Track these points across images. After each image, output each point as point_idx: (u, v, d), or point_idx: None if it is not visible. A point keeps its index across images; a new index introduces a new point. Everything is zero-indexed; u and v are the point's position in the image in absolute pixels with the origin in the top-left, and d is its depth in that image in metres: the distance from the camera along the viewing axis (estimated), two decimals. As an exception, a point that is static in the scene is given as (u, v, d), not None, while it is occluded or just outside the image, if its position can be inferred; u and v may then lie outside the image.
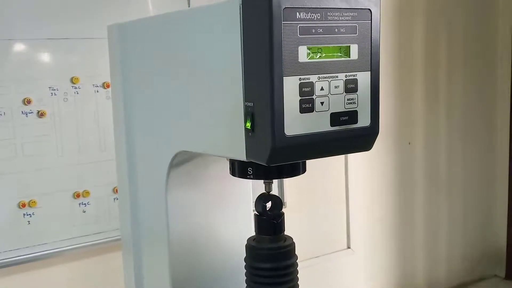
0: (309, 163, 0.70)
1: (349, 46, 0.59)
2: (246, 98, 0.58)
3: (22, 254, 1.17)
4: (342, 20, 0.58)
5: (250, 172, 0.67)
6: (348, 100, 0.60)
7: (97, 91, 1.23)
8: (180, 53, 0.69)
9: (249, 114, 0.58)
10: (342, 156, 1.71)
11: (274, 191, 0.73)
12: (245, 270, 0.73)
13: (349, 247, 1.77)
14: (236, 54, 0.58)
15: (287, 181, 1.52)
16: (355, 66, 0.60)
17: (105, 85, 1.23)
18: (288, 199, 1.54)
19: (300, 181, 1.60)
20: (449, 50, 1.93)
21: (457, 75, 1.96)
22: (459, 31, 1.95)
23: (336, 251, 1.74)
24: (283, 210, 0.73)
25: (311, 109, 0.58)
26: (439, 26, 1.90)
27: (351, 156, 1.71)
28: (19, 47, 1.15)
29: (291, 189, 1.56)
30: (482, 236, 2.13)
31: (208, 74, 0.64)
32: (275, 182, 1.45)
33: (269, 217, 0.71)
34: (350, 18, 0.59)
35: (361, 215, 1.78)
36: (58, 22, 1.18)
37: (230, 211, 0.81)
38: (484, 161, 2.09)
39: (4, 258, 1.16)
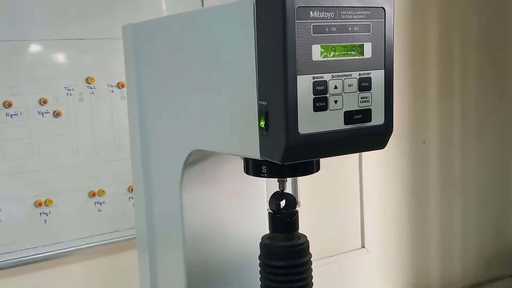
0: (323, 162, 0.70)
1: (363, 45, 0.59)
2: (260, 97, 0.59)
3: (38, 253, 1.19)
4: (355, 18, 0.58)
5: (264, 170, 0.67)
6: (361, 98, 0.60)
7: (112, 91, 1.24)
8: (194, 52, 0.69)
9: (263, 113, 0.58)
10: (356, 155, 1.70)
11: (288, 190, 0.73)
12: (259, 268, 0.73)
13: (363, 247, 1.76)
14: (250, 53, 0.59)
15: (301, 180, 1.52)
16: (368, 65, 0.60)
17: (120, 85, 1.24)
18: (302, 198, 1.54)
19: (314, 180, 1.60)
20: (463, 48, 1.92)
21: (472, 74, 1.94)
22: (473, 29, 1.93)
23: (350, 251, 1.74)
24: (297, 209, 0.73)
25: (324, 108, 0.58)
26: (453, 25, 1.89)
27: (365, 155, 1.70)
28: (34, 47, 1.16)
29: (305, 188, 1.56)
30: (497, 235, 2.11)
31: (222, 73, 0.64)
32: (289, 181, 1.46)
33: (283, 215, 0.71)
34: (363, 16, 0.59)
35: (375, 214, 1.77)
36: (73, 22, 1.19)
37: (245, 210, 0.81)
38: (498, 159, 2.07)
39: (21, 256, 1.17)
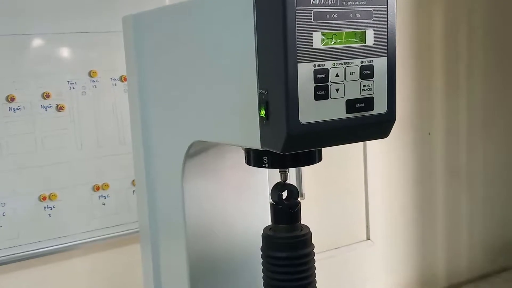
0: (328, 154, 0.69)
1: (365, 32, 0.58)
2: (260, 86, 0.58)
3: (43, 247, 1.19)
4: (357, 5, 0.57)
5: (265, 161, 0.66)
6: (364, 86, 0.59)
7: (115, 85, 1.24)
8: (194, 42, 0.68)
9: (264, 102, 0.57)
10: (360, 147, 1.69)
11: (293, 182, 0.72)
12: (261, 260, 0.73)
13: (368, 239, 1.76)
14: (250, 41, 0.58)
15: (305, 172, 1.51)
16: (370, 52, 0.59)
17: (123, 79, 1.24)
18: (306, 190, 1.54)
19: (319, 172, 1.60)
20: (469, 39, 1.90)
21: (477, 65, 1.93)
22: (479, 21, 1.91)
23: (355, 242, 1.73)
24: (302, 201, 0.72)
25: (326, 96, 0.57)
26: (459, 15, 1.87)
27: (370, 146, 1.69)
28: (37, 42, 1.16)
29: (309, 180, 1.55)
30: (503, 226, 2.10)
31: (222, 63, 0.64)
32: (294, 173, 1.46)
33: (285, 206, 0.70)
34: (365, 2, 0.58)
35: (380, 206, 1.76)
36: (76, 16, 1.18)
37: (246, 201, 0.81)
38: (504, 151, 2.06)
39: (25, 250, 1.17)
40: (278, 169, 0.71)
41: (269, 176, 0.82)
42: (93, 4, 1.20)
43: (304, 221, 0.73)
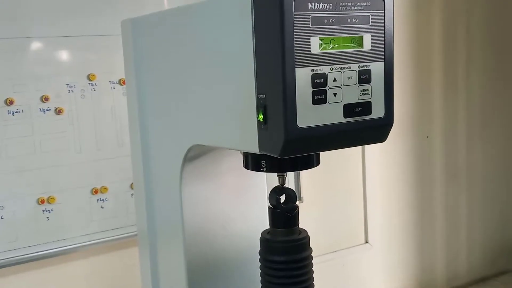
0: (326, 157, 0.69)
1: (362, 37, 0.59)
2: (258, 91, 0.58)
3: (41, 250, 1.19)
4: (354, 10, 0.58)
5: (263, 165, 0.66)
6: (361, 91, 0.59)
7: (114, 88, 1.24)
8: (192, 46, 0.69)
9: (262, 107, 0.57)
10: (359, 150, 1.69)
11: (291, 185, 0.73)
12: (259, 263, 0.73)
13: (367, 242, 1.76)
14: (248, 46, 0.58)
15: (303, 176, 1.52)
16: (368, 57, 0.59)
17: (121, 82, 1.24)
18: (305, 194, 1.54)
19: (317, 176, 1.60)
20: (468, 43, 1.90)
21: (476, 68, 1.93)
22: (478, 23, 1.92)
23: (354, 246, 1.73)
24: (300, 205, 0.72)
25: (323, 101, 0.57)
26: (457, 19, 1.88)
27: (368, 150, 1.70)
28: (36, 44, 1.16)
29: (308, 183, 1.55)
30: (502, 230, 2.10)
31: (220, 67, 0.64)
32: (292, 177, 1.46)
33: (283, 210, 0.71)
34: (363, 8, 0.58)
35: (379, 209, 1.76)
36: (75, 19, 1.18)
37: (245, 205, 0.81)
38: (503, 154, 2.06)
39: (23, 253, 1.17)
40: (276, 173, 0.71)
41: (267, 180, 0.82)
42: (92, 8, 1.20)
43: (302, 224, 0.74)
